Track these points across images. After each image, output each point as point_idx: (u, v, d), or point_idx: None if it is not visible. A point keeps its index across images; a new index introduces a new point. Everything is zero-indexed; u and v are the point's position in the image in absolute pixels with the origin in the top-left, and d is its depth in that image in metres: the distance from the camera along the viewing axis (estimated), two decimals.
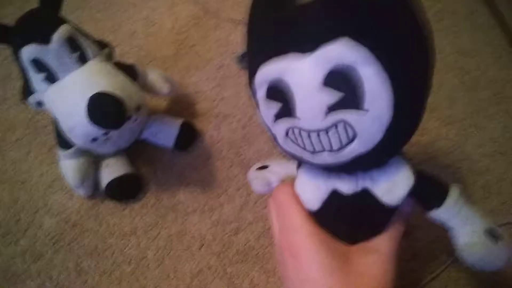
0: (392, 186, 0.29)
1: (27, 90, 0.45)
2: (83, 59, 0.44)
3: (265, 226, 0.56)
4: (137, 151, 0.61)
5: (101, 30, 0.78)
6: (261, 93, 0.27)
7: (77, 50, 0.44)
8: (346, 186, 0.30)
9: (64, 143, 0.51)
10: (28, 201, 0.59)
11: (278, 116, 0.27)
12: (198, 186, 0.59)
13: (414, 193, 0.29)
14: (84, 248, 0.55)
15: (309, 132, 0.26)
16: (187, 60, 0.74)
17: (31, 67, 0.42)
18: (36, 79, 0.43)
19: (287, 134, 0.28)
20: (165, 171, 0.60)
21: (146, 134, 0.59)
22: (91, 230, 0.56)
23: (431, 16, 0.76)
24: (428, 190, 0.30)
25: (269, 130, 0.30)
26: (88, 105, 0.40)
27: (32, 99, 0.45)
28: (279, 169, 0.37)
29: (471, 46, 0.71)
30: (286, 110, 0.26)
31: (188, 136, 0.61)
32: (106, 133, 0.44)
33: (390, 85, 0.23)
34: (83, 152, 0.53)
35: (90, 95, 0.40)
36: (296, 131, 0.27)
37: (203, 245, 0.55)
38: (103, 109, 0.40)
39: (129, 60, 0.74)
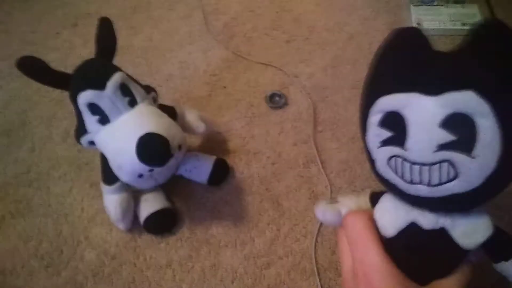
0: (471, 231, 0.31)
1: (80, 131, 0.50)
2: (133, 103, 0.49)
3: (295, 261, 0.57)
4: (172, 186, 0.64)
5: (141, 74, 0.84)
6: (375, 119, 0.30)
7: (128, 95, 0.48)
8: (426, 221, 0.31)
9: (109, 179, 0.55)
10: (71, 234, 0.63)
11: (386, 143, 0.29)
12: (230, 220, 0.61)
13: (487, 243, 0.31)
14: (123, 280, 0.57)
15: (412, 164, 0.28)
16: (219, 101, 0.78)
17: (87, 110, 0.47)
18: (90, 121, 0.48)
19: (389, 160, 0.30)
20: (199, 205, 0.63)
21: (182, 170, 0.63)
22: (129, 263, 0.59)
23: None
24: (500, 243, 0.32)
25: (370, 154, 0.32)
26: (138, 144, 0.44)
27: (85, 139, 0.50)
28: (350, 202, 0.39)
29: None
30: (397, 139, 0.28)
31: (221, 173, 0.64)
32: (151, 170, 0.48)
33: (502, 139, 0.26)
34: (125, 188, 0.57)
35: (140, 135, 0.44)
36: (399, 160, 0.29)
37: (235, 278, 0.57)
38: (152, 148, 0.44)
39: (166, 101, 0.79)
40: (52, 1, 1.06)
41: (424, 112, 0.27)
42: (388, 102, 0.29)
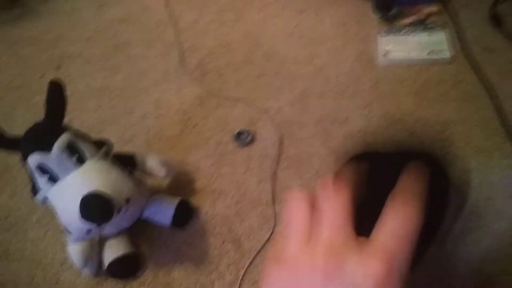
0: None
1: (34, 189, 0.53)
2: (81, 160, 0.51)
3: None
4: (138, 229, 0.66)
5: (116, 114, 0.88)
6: None
7: (76, 153, 0.51)
8: None
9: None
10: (43, 278, 0.65)
11: None
12: (192, 262, 0.63)
13: None
14: None
15: None
16: (190, 139, 0.81)
17: (36, 171, 0.50)
18: (41, 180, 0.51)
19: None
20: (163, 248, 0.65)
21: (147, 213, 0.65)
22: None
23: (419, 85, 0.80)
24: None
25: None
26: (80, 204, 0.46)
27: (39, 196, 0.53)
28: None
29: (457, 116, 0.74)
30: None
31: (184, 215, 0.66)
32: (99, 225, 0.50)
33: None
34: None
35: (83, 195, 0.47)
36: None
37: None
38: (92, 208, 0.46)
39: (139, 141, 0.82)
40: (38, 44, 1.11)
41: None
42: None
